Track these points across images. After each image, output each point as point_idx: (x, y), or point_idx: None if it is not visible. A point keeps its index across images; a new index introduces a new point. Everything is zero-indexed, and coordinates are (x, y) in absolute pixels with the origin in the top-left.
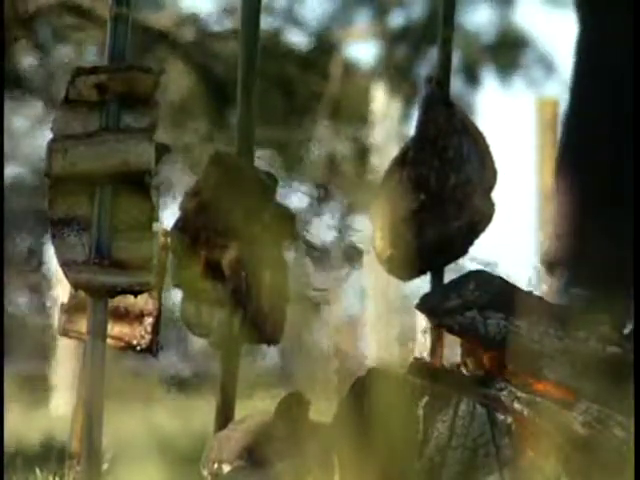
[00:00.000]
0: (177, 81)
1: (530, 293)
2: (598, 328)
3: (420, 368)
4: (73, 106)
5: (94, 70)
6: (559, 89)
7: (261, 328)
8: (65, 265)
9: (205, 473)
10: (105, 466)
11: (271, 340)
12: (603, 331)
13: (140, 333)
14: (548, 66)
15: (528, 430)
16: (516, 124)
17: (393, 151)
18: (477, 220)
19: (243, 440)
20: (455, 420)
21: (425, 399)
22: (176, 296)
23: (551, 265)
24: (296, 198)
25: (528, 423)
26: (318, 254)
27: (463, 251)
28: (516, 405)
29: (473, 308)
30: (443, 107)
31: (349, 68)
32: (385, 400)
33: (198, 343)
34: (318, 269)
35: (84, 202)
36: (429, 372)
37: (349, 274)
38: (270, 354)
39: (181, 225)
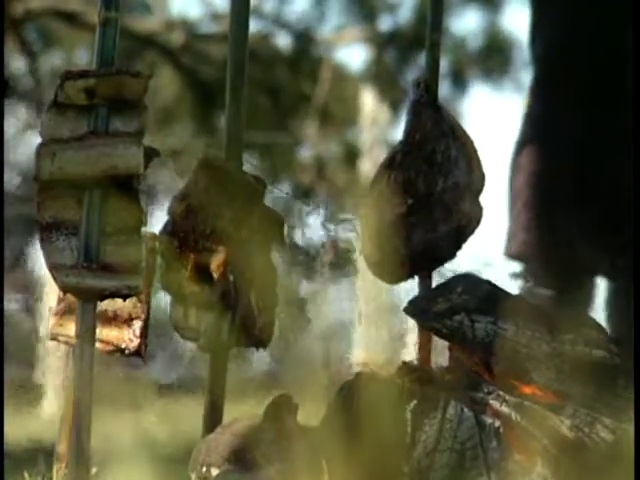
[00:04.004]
0: (166, 85)
1: (518, 296)
2: (585, 331)
3: (408, 372)
4: (61, 110)
5: (82, 74)
6: None
7: (250, 331)
8: (53, 269)
9: (193, 477)
10: (94, 470)
11: (260, 343)
12: (590, 334)
13: (129, 337)
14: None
15: (516, 433)
16: (505, 127)
17: (381, 155)
18: (465, 224)
19: (231, 443)
20: (443, 423)
21: (413, 402)
22: (165, 300)
23: (516, 260)
24: (284, 201)
25: (516, 426)
26: (306, 258)
27: (451, 255)
28: (504, 408)
29: (461, 312)
30: (431, 111)
31: (338, 72)
32: (373, 403)
33: (187, 347)
34: (306, 273)
35: (73, 206)
36: (417, 376)
37: (337, 278)
38: (259, 357)
39: (169, 229)
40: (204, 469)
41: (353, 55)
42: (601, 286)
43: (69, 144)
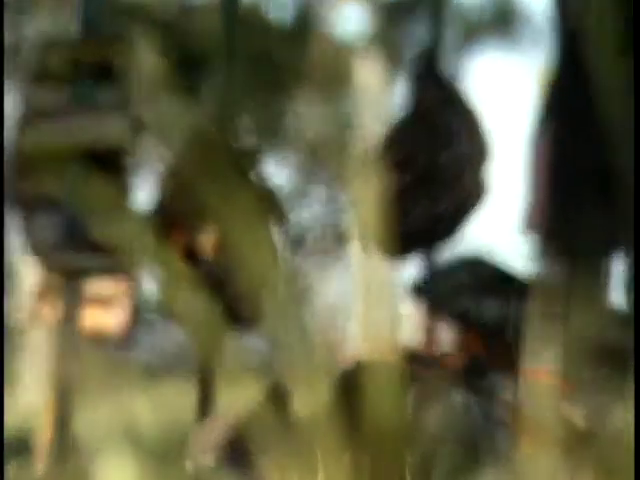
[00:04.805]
0: (155, 58)
1: (526, 278)
2: (597, 314)
3: (412, 358)
4: (43, 81)
5: (66, 43)
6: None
7: (239, 312)
8: (37, 247)
9: (189, 465)
10: (78, 456)
11: (249, 324)
12: (602, 317)
13: (115, 319)
14: (544, 38)
15: (523, 421)
16: (509, 97)
17: (379, 125)
18: (466, 200)
19: (226, 432)
20: (448, 412)
21: (417, 391)
22: (153, 281)
23: (531, 232)
24: (280, 178)
25: (523, 414)
26: (302, 237)
27: (452, 231)
28: (510, 396)
29: (467, 294)
30: (433, 83)
31: (335, 39)
32: (375, 393)
33: (176, 329)
34: (302, 253)
35: (55, 182)
36: (421, 362)
37: (335, 258)
38: (254, 342)
39: (158, 207)
40: (199, 458)
41: (351, 21)
42: (617, 268)
43: (51, 116)
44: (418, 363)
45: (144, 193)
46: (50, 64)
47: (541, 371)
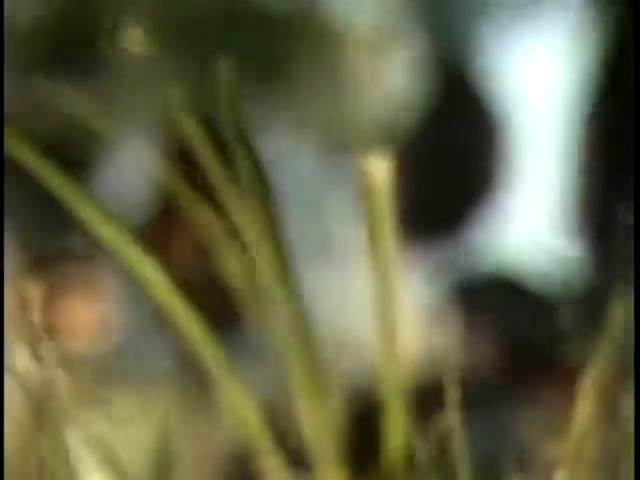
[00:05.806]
0: (145, 39)
1: (554, 298)
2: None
3: (431, 381)
4: (21, 66)
5: (45, 24)
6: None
7: (234, 316)
8: (15, 230)
9: None
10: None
11: (240, 327)
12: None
13: (96, 315)
14: (577, 21)
15: (560, 444)
16: (544, 80)
17: (389, 118)
18: (482, 193)
19: (223, 449)
20: (469, 433)
21: (437, 413)
22: (141, 283)
23: (564, 219)
24: (278, 170)
25: (560, 436)
26: (306, 235)
27: (460, 221)
28: (530, 414)
29: (495, 313)
30: (450, 78)
31: (339, 26)
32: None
33: (169, 333)
34: (306, 252)
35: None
36: (447, 379)
37: (344, 258)
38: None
39: (149, 201)
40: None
41: (361, 9)
42: None
43: (30, 103)
44: (443, 380)
45: (135, 186)
46: (31, 49)
47: (579, 387)
